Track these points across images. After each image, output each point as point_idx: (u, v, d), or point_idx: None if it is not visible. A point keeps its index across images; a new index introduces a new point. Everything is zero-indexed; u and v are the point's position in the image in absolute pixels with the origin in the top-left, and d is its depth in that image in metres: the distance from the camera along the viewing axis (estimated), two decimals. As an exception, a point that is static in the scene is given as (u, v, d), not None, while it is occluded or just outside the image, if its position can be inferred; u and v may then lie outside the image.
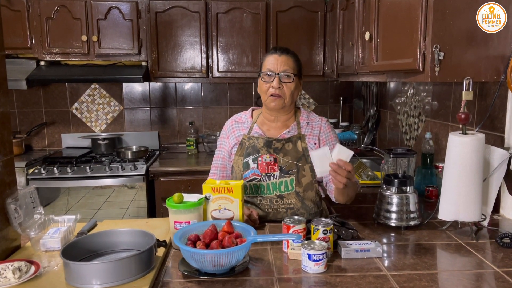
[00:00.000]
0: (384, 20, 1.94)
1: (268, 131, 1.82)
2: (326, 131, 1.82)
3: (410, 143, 2.72)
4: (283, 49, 1.80)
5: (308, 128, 1.82)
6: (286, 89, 1.74)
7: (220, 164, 1.88)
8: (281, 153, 1.76)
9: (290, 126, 1.82)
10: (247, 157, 1.77)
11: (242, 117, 1.91)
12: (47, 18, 3.13)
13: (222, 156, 1.88)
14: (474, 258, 1.38)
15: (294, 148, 1.76)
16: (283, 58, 1.75)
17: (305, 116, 1.85)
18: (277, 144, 1.76)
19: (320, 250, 1.26)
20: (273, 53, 1.78)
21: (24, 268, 1.22)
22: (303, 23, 3.34)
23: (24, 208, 1.42)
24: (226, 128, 1.91)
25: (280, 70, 1.73)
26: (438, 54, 1.54)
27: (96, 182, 3.00)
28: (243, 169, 1.77)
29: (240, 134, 1.85)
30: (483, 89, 1.89)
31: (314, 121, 1.84)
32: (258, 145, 1.77)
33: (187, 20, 3.26)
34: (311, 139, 1.79)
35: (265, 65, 1.78)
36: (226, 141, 1.87)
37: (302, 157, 1.75)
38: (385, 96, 3.22)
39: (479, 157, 1.53)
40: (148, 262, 1.24)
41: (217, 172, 1.88)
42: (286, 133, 1.80)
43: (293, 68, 1.76)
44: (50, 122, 3.67)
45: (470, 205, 1.54)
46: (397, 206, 1.65)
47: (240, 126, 1.87)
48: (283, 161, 1.75)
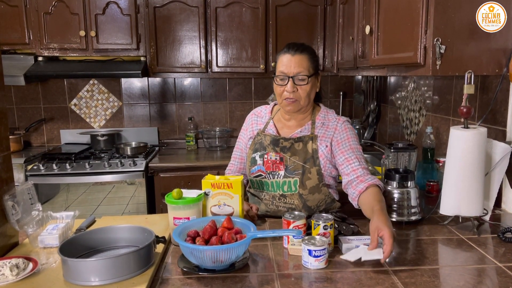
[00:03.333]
0: (385, 14, 1.92)
1: (281, 128, 1.79)
2: (341, 133, 1.70)
3: (411, 137, 2.71)
4: (297, 47, 1.67)
5: (322, 128, 1.73)
6: (302, 91, 1.65)
7: (238, 155, 1.89)
8: (289, 152, 1.70)
9: (304, 125, 1.75)
10: (255, 153, 1.76)
11: (262, 111, 1.88)
12: (44, 13, 3.10)
13: (240, 147, 1.88)
14: (476, 253, 1.37)
15: (304, 148, 1.70)
16: (297, 58, 1.64)
17: (322, 115, 1.76)
18: (284, 143, 1.72)
19: (320, 245, 1.25)
20: (286, 52, 1.67)
21: (22, 265, 1.20)
22: (302, 17, 3.32)
23: (22, 205, 1.41)
24: (247, 120, 1.90)
25: (294, 72, 1.63)
26: (439, 48, 1.52)
27: (95, 178, 2.99)
28: (251, 164, 1.77)
29: (257, 128, 1.84)
30: (484, 82, 1.87)
31: (330, 121, 1.74)
32: (265, 142, 1.75)
33: (186, 15, 3.24)
34: (323, 141, 1.70)
35: (278, 66, 1.68)
36: (245, 133, 1.87)
37: (311, 159, 1.69)
38: (385, 91, 3.20)
39: (481, 151, 1.51)
40: (147, 258, 1.23)
41: (235, 163, 1.89)
42: (298, 132, 1.74)
43: (308, 69, 1.65)
44: (48, 118, 3.65)
45: (472, 200, 1.53)
46: (398, 201, 1.64)
47: (259, 120, 1.86)
48: (290, 160, 1.70)
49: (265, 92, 3.78)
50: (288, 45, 1.70)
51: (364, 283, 1.17)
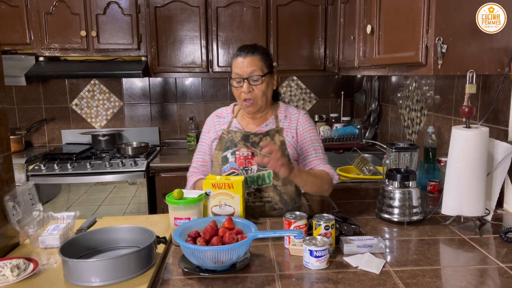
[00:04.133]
0: (386, 13, 1.91)
1: (246, 125, 1.82)
2: (303, 124, 1.79)
3: (412, 137, 2.70)
4: (248, 48, 1.73)
5: (286, 121, 1.80)
6: (257, 91, 1.71)
7: (201, 158, 1.88)
8: (259, 147, 1.74)
9: (268, 119, 1.81)
10: (226, 151, 1.77)
11: (223, 112, 1.90)
12: (45, 13, 3.10)
13: (203, 150, 1.87)
14: (478, 253, 1.37)
15: (271, 141, 1.75)
16: (248, 60, 1.69)
17: (283, 109, 1.84)
18: (254, 138, 1.76)
19: (322, 246, 1.25)
20: (238, 55, 1.73)
21: (22, 265, 1.20)
22: (303, 17, 3.31)
23: (23, 205, 1.41)
24: (208, 123, 1.90)
25: (248, 73, 1.69)
26: (441, 47, 1.52)
27: (96, 178, 2.99)
28: (222, 163, 1.77)
29: (220, 129, 1.84)
30: (486, 82, 1.87)
31: (292, 114, 1.82)
32: (236, 139, 1.77)
33: (187, 15, 3.23)
34: (288, 132, 1.78)
35: (233, 69, 1.74)
36: (207, 135, 1.87)
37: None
38: (386, 90, 3.20)
39: (483, 151, 1.51)
40: (148, 259, 1.23)
41: (197, 166, 1.88)
42: (264, 126, 1.79)
43: (261, 68, 1.71)
44: (50, 119, 3.65)
45: (474, 200, 1.52)
46: (400, 201, 1.63)
47: (221, 121, 1.87)
48: (261, 154, 1.73)
49: (266, 92, 3.78)
50: (240, 48, 1.76)
51: (365, 284, 1.17)
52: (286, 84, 3.83)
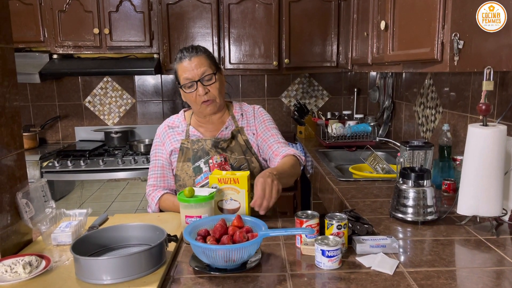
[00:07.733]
0: (400, 8, 1.88)
1: (205, 132, 1.78)
2: (258, 117, 1.81)
3: (427, 135, 2.66)
4: (190, 50, 1.68)
5: (244, 120, 1.81)
6: (213, 90, 1.67)
7: (159, 173, 1.79)
8: (229, 151, 1.74)
9: (226, 121, 1.78)
10: (198, 161, 1.72)
11: (175, 121, 1.83)
12: (59, 11, 3.13)
13: (160, 165, 1.79)
14: (495, 255, 1.33)
15: (237, 143, 1.75)
16: (195, 61, 1.64)
17: (238, 108, 1.83)
18: (223, 144, 1.73)
19: (334, 245, 1.23)
20: (182, 58, 1.66)
21: (34, 262, 1.21)
22: (316, 13, 3.28)
23: (35, 202, 1.42)
24: (159, 135, 1.82)
25: (199, 75, 1.64)
26: (457, 43, 1.48)
27: (109, 175, 3.01)
28: (195, 174, 1.72)
29: (176, 139, 1.77)
30: (504, 78, 1.82)
31: (247, 111, 1.82)
32: (207, 147, 1.73)
33: (199, 12, 3.23)
34: (249, 130, 1.79)
35: (181, 75, 1.67)
36: (162, 148, 1.79)
37: (247, 150, 1.75)
38: (400, 87, 3.15)
39: (501, 150, 1.47)
40: (159, 257, 1.22)
41: (157, 183, 1.79)
42: (225, 129, 1.77)
43: (210, 66, 1.67)
44: (63, 116, 3.69)
45: (491, 200, 1.49)
46: (414, 200, 1.60)
47: (174, 131, 1.80)
48: (232, 158, 1.73)
49: (278, 89, 3.76)
50: (181, 51, 1.69)
51: (378, 285, 1.15)
52: (298, 81, 3.80)
